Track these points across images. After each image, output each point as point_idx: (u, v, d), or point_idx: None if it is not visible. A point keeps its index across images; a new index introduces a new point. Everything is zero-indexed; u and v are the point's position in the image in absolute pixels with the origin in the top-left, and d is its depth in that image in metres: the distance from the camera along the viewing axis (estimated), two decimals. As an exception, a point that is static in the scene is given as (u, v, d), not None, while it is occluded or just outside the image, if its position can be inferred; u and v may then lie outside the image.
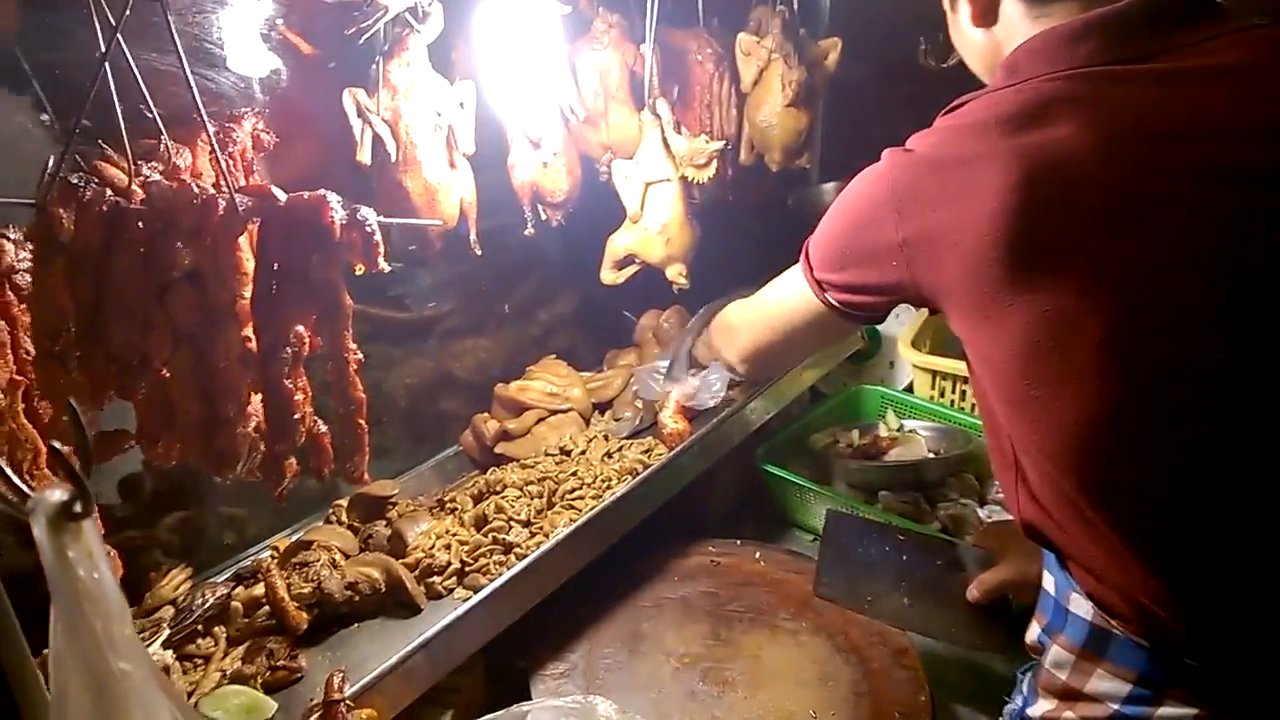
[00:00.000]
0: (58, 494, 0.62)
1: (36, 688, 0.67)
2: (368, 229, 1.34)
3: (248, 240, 1.34)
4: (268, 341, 1.33)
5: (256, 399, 1.39)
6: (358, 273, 1.40)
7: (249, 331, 1.34)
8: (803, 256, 1.43)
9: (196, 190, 1.24)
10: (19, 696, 0.65)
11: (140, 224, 1.21)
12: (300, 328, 1.35)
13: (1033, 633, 1.29)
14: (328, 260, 1.33)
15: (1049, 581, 1.25)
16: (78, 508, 0.63)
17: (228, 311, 1.31)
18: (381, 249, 1.37)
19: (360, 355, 1.42)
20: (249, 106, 1.58)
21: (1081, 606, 1.18)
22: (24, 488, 0.64)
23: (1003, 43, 1.24)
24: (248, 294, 1.31)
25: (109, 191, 1.19)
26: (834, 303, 1.36)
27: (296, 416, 1.37)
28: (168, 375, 1.28)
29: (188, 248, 1.25)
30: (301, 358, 1.37)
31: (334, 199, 1.32)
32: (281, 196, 1.31)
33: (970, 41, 1.33)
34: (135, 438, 1.33)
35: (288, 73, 1.72)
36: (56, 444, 0.61)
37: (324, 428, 1.45)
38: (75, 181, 1.15)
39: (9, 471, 0.64)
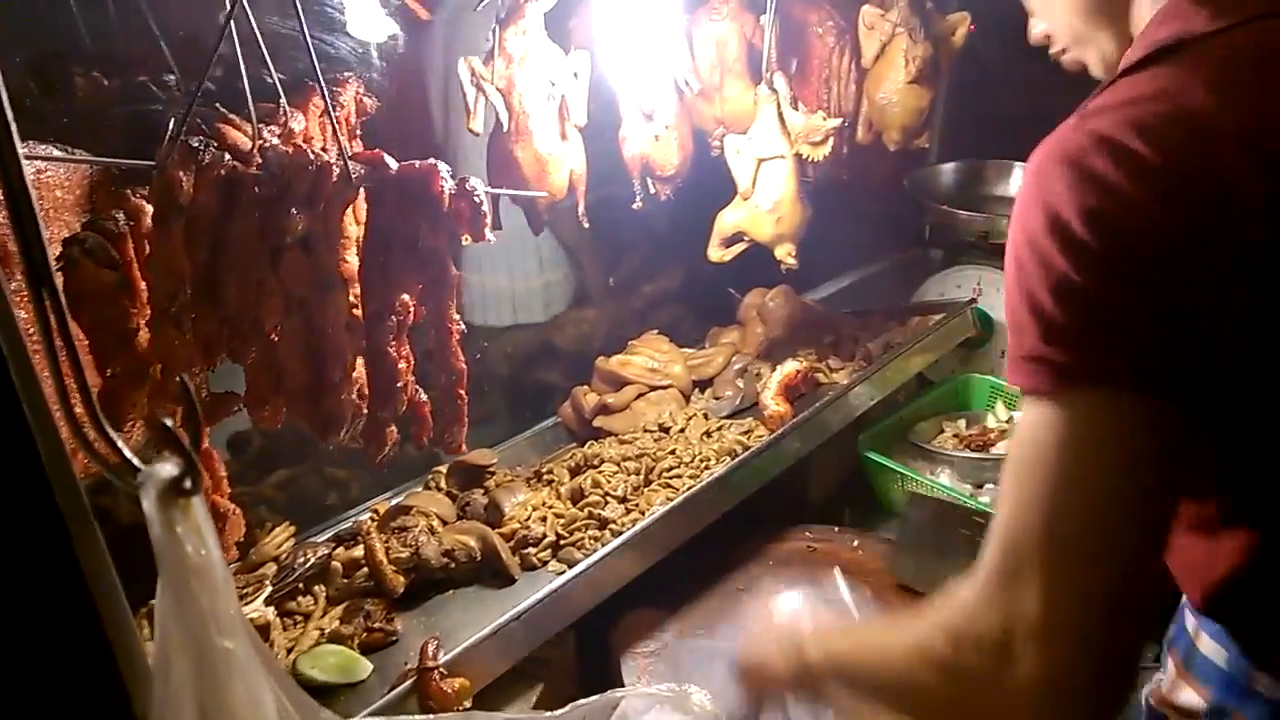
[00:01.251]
0: (168, 469, 0.63)
1: (141, 660, 0.68)
2: (476, 199, 1.33)
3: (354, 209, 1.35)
4: (374, 309, 1.34)
5: (360, 365, 1.40)
6: (465, 243, 1.40)
7: (355, 298, 1.35)
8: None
9: (312, 156, 1.24)
10: (124, 668, 0.66)
11: (257, 189, 1.22)
12: (405, 296, 1.35)
13: (1182, 696, 1.15)
14: (435, 229, 1.33)
15: (1218, 653, 1.10)
16: (187, 484, 0.63)
17: (337, 277, 1.32)
18: (489, 220, 1.36)
19: (463, 325, 1.42)
20: (365, 72, 1.58)
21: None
22: (135, 461, 0.64)
23: None
24: (356, 260, 1.32)
25: (227, 155, 1.20)
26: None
27: (399, 384, 1.38)
28: (277, 339, 1.30)
29: (301, 213, 1.25)
30: (406, 326, 1.38)
31: (444, 168, 1.31)
32: (393, 165, 1.31)
33: None
34: (244, 400, 1.35)
35: (404, 38, 1.71)
36: (167, 420, 0.61)
37: (424, 397, 1.46)
38: (195, 145, 1.16)
39: (123, 446, 0.64)
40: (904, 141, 2.32)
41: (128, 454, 0.64)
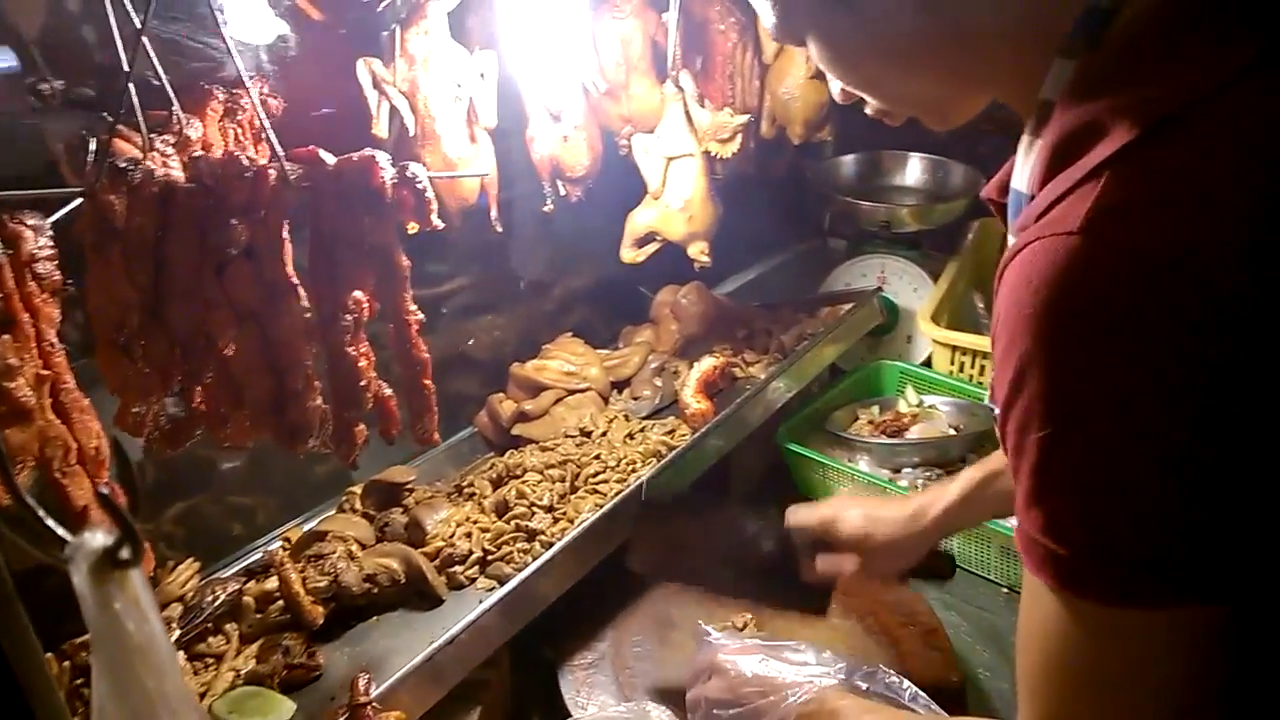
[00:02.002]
0: (100, 538, 0.56)
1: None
2: (419, 185, 1.30)
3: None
4: (327, 310, 1.30)
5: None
6: (411, 231, 1.37)
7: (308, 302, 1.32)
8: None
9: (246, 163, 1.20)
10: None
11: (193, 202, 1.18)
12: (358, 293, 1.32)
13: None
14: (381, 222, 1.29)
15: None
16: (125, 554, 0.56)
17: (287, 284, 1.28)
18: (434, 205, 1.33)
19: (420, 316, 1.40)
20: (256, 74, 1.51)
21: None
22: (61, 532, 0.57)
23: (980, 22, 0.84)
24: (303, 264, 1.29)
25: (158, 172, 1.14)
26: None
27: (362, 382, 1.34)
28: (232, 355, 1.26)
29: (242, 223, 1.21)
30: (362, 324, 1.34)
31: (383, 158, 1.28)
32: (330, 160, 1.27)
33: (889, 38, 0.89)
34: (204, 421, 1.30)
35: (296, 40, 1.63)
36: (104, 486, 0.54)
37: (389, 391, 1.43)
38: (123, 165, 1.10)
39: (44, 514, 0.57)
40: (807, 135, 2.32)
41: (50, 523, 0.57)
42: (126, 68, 1.20)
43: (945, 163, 2.88)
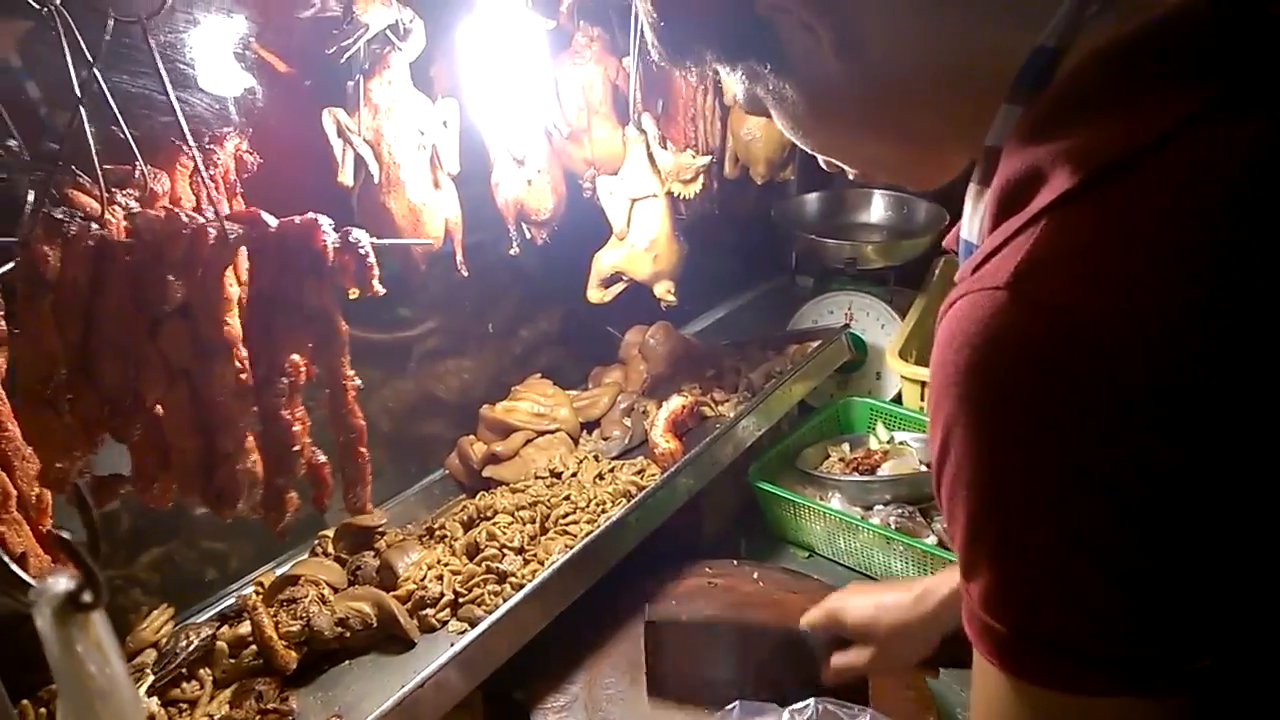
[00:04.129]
0: (63, 583, 0.57)
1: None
2: (361, 251, 1.30)
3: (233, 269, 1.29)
4: (263, 372, 1.29)
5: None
6: (351, 297, 1.36)
7: (242, 363, 1.29)
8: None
9: (185, 220, 1.19)
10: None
11: (128, 257, 1.16)
12: (295, 356, 1.31)
13: None
14: (321, 285, 1.29)
15: None
16: (87, 597, 0.58)
17: (221, 344, 1.26)
18: (376, 271, 1.33)
19: (358, 382, 1.39)
20: (225, 127, 1.52)
21: None
22: (24, 576, 0.58)
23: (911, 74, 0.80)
24: (239, 324, 1.27)
25: (94, 225, 1.14)
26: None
27: (296, 448, 1.33)
28: (162, 413, 1.24)
29: (179, 280, 1.20)
30: (299, 387, 1.33)
31: (326, 222, 1.28)
32: (272, 222, 1.27)
33: (834, 95, 0.84)
34: (131, 481, 1.28)
35: (264, 92, 1.66)
36: (63, 532, 0.56)
37: (323, 458, 1.41)
38: (60, 216, 1.10)
39: (8, 560, 0.58)
40: (770, 174, 2.37)
41: (14, 568, 0.58)
42: (73, 119, 1.20)
43: (909, 199, 2.93)
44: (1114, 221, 0.62)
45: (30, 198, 1.20)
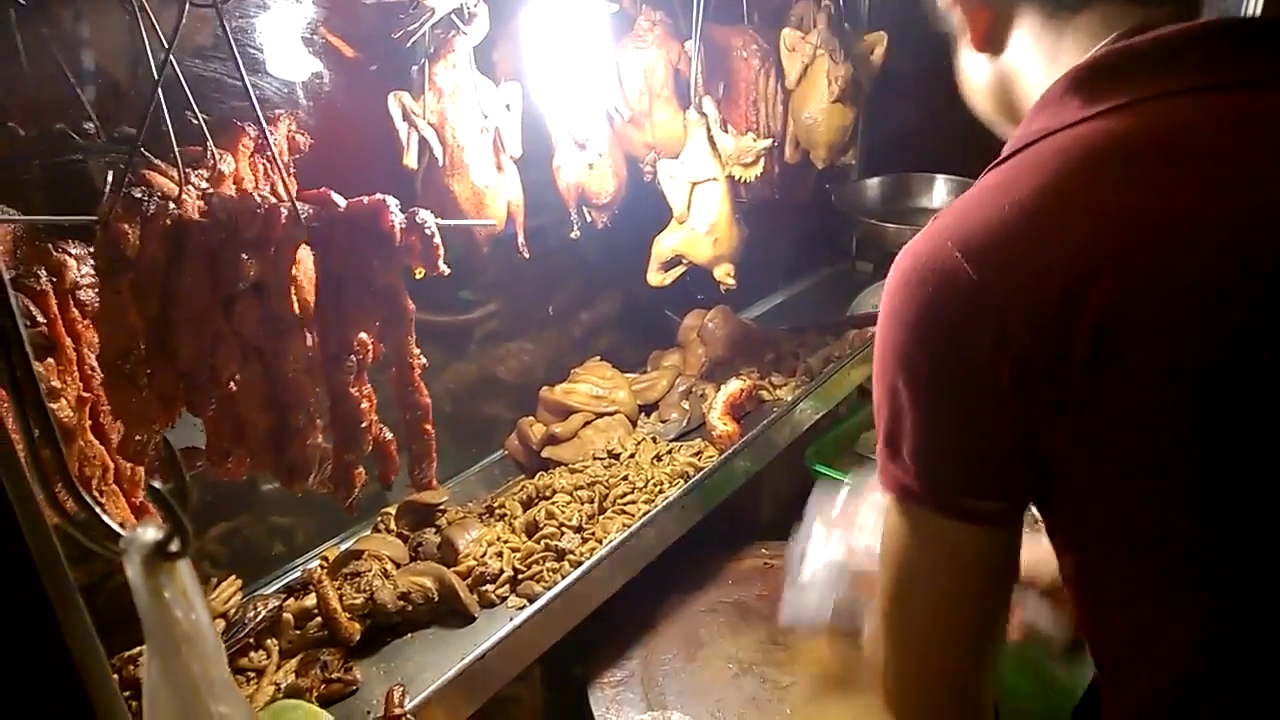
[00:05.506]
0: (152, 533, 0.60)
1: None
2: (427, 232, 1.33)
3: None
4: (332, 350, 1.32)
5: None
6: (418, 276, 1.39)
7: (313, 340, 1.33)
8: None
9: (259, 200, 1.22)
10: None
11: (204, 236, 1.19)
12: (363, 334, 1.33)
13: None
14: (388, 265, 1.31)
15: None
16: (174, 547, 0.60)
17: (293, 321, 1.29)
18: (441, 251, 1.35)
19: (424, 360, 1.41)
20: (291, 109, 1.55)
21: None
22: (115, 527, 0.61)
23: (1014, 73, 1.06)
24: (311, 302, 1.30)
25: (171, 204, 1.16)
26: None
27: (363, 425, 1.36)
28: (236, 389, 1.27)
29: (252, 258, 1.22)
30: (366, 365, 1.36)
31: (393, 203, 1.30)
32: (341, 203, 1.29)
33: (973, 72, 1.13)
34: (205, 454, 1.31)
35: (330, 76, 1.69)
36: (155, 482, 0.58)
37: (390, 435, 1.44)
38: (139, 195, 1.13)
39: (101, 512, 0.61)
40: (831, 159, 2.35)
41: (107, 519, 0.61)
42: (151, 103, 1.23)
43: (970, 183, 2.88)
44: (992, 182, 0.90)
45: (109, 178, 1.24)
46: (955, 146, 3.12)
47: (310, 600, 1.63)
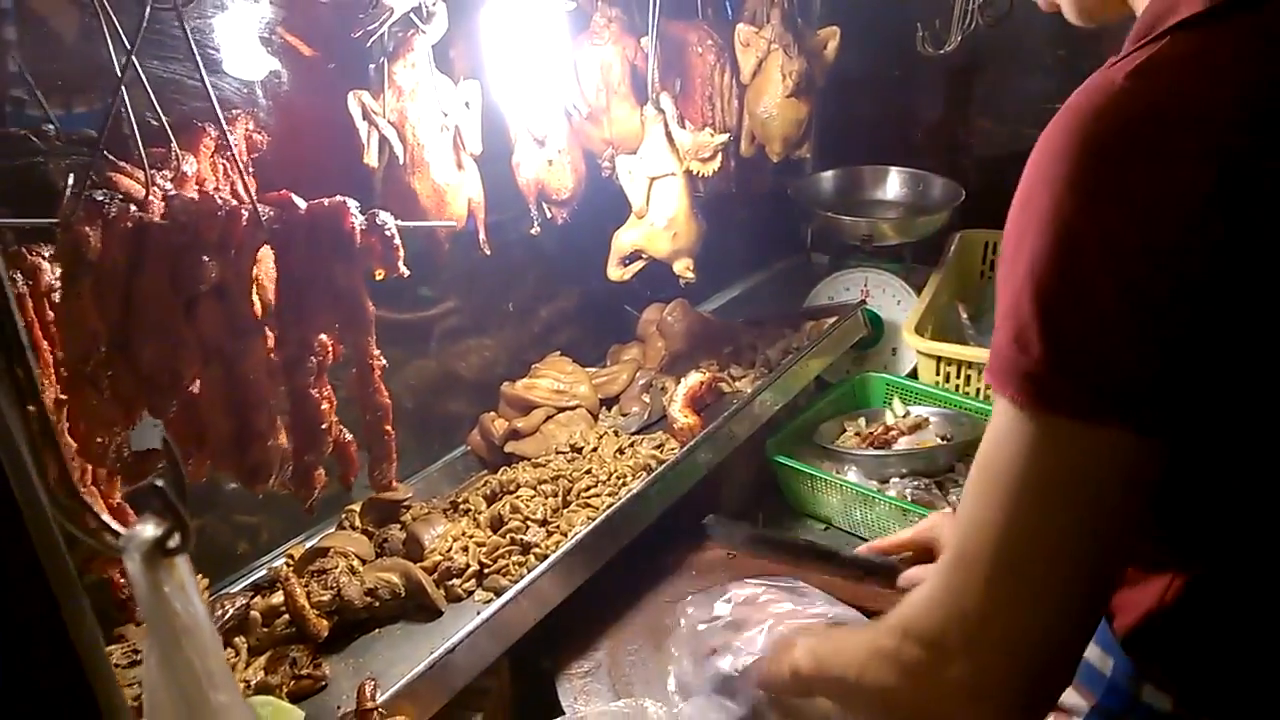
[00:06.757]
0: (151, 529, 0.61)
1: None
2: (387, 233, 1.33)
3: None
4: (292, 352, 1.32)
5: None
6: (377, 278, 1.39)
7: (273, 342, 1.33)
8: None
9: (220, 202, 1.22)
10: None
11: (166, 239, 1.19)
12: (323, 336, 1.34)
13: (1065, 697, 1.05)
14: (349, 267, 1.32)
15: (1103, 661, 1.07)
16: (173, 542, 0.62)
17: (254, 323, 1.29)
18: (401, 253, 1.36)
19: (384, 361, 1.41)
20: (250, 109, 1.56)
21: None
22: (114, 525, 0.63)
23: None
24: (271, 304, 1.30)
25: (133, 207, 1.16)
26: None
27: (323, 425, 1.36)
28: (197, 391, 1.27)
29: (214, 261, 1.23)
30: (326, 366, 1.36)
31: (353, 205, 1.31)
32: (302, 205, 1.30)
33: None
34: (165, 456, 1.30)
35: (289, 75, 1.69)
36: (158, 480, 0.60)
37: (350, 436, 1.44)
38: (100, 198, 1.13)
39: (100, 512, 0.62)
40: (786, 152, 2.39)
41: (105, 518, 0.62)
42: (113, 104, 1.23)
43: (925, 175, 2.94)
44: (1210, 50, 0.79)
45: (69, 181, 1.24)
46: (907, 139, 3.21)
47: (277, 598, 1.64)
